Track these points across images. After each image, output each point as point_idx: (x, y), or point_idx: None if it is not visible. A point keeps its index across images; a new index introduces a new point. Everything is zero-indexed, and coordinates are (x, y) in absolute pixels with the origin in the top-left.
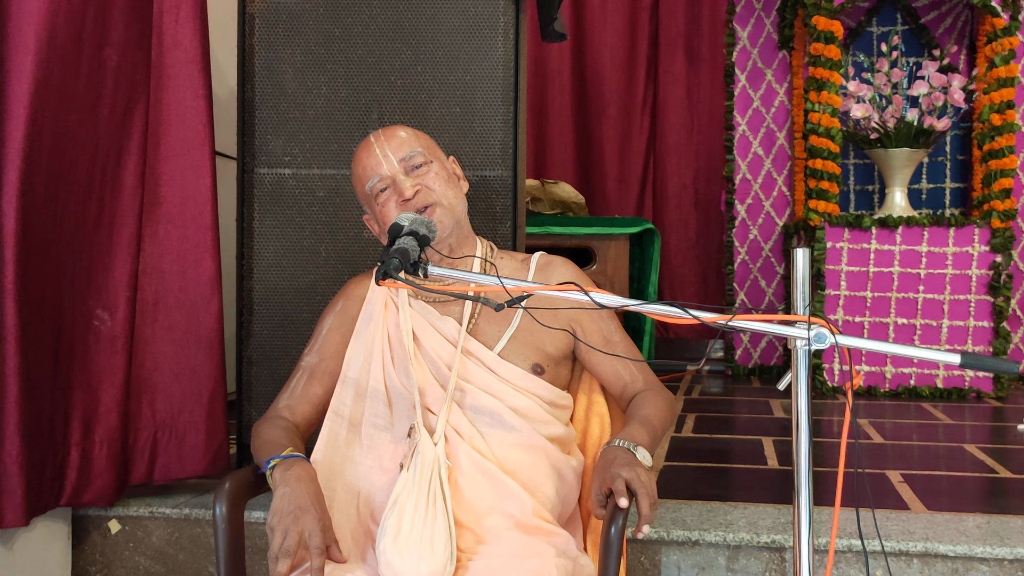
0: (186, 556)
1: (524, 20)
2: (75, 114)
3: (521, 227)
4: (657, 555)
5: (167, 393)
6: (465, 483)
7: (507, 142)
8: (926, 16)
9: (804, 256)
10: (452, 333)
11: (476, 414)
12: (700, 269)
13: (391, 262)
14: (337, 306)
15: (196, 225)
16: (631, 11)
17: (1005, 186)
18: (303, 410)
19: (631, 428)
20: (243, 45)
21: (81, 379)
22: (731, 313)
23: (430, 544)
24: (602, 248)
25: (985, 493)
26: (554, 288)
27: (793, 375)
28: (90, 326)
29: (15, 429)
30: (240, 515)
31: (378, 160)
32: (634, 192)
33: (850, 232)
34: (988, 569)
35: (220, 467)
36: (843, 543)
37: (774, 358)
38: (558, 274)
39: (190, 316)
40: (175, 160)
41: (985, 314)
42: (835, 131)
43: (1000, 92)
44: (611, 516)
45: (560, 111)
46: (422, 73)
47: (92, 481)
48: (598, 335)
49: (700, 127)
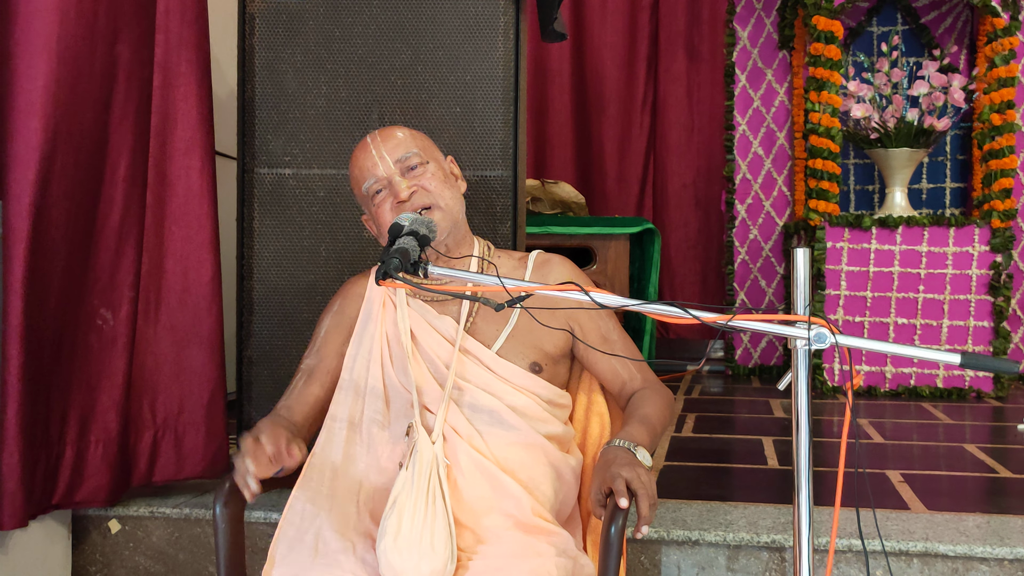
0: (186, 556)
1: (524, 20)
2: (89, 111)
3: (521, 227)
4: (657, 555)
5: (168, 394)
6: (464, 482)
7: (507, 142)
8: (926, 16)
9: (804, 256)
10: (450, 332)
11: (474, 413)
12: (700, 269)
13: (391, 262)
14: (335, 307)
15: (199, 225)
16: (631, 11)
17: (1005, 186)
18: (302, 411)
19: (631, 428)
20: (243, 45)
21: (80, 378)
22: (731, 313)
23: (430, 543)
24: (602, 248)
25: (985, 493)
26: (554, 288)
27: (793, 375)
28: (93, 325)
29: (17, 432)
30: (240, 515)
31: (374, 161)
32: (634, 192)
33: (850, 232)
34: (988, 569)
35: (220, 468)
36: (843, 543)
37: (774, 358)
38: (556, 272)
39: (192, 316)
40: (180, 159)
41: (985, 314)
42: (835, 131)
43: (1000, 92)
44: (611, 516)
45: (560, 111)
46: (422, 73)
47: (85, 481)
48: (596, 334)
49: (700, 127)
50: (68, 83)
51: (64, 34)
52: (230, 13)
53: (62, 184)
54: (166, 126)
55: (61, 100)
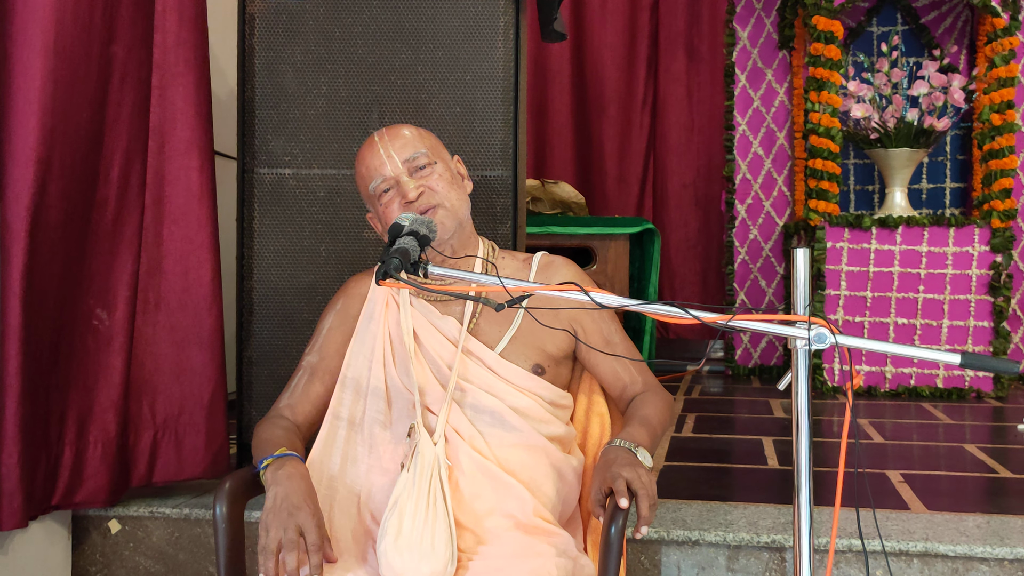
0: (186, 556)
1: (524, 20)
2: (85, 111)
3: (521, 227)
4: (657, 555)
5: (167, 394)
6: (465, 483)
7: (507, 142)
8: (926, 16)
9: (804, 256)
10: (453, 333)
11: (476, 414)
12: (700, 269)
13: (391, 262)
14: (337, 305)
15: (198, 225)
16: (631, 10)
17: (1005, 186)
18: (304, 409)
19: (631, 428)
20: (243, 45)
21: (78, 379)
22: (731, 313)
23: (431, 544)
24: (602, 248)
25: (985, 493)
26: (555, 288)
27: (793, 375)
28: (89, 325)
29: (16, 432)
30: (240, 515)
31: (382, 160)
32: (634, 192)
33: (850, 232)
34: (988, 569)
35: (220, 469)
36: (843, 543)
37: (774, 358)
38: (560, 274)
39: (192, 317)
40: (178, 159)
41: (985, 314)
42: (835, 131)
43: (1000, 92)
44: (611, 516)
45: (560, 111)
46: (422, 73)
47: (84, 482)
48: (598, 336)
49: (700, 127)
50: (65, 83)
51: (61, 34)
52: (230, 13)
53: (59, 184)
54: (164, 126)
55: (58, 100)
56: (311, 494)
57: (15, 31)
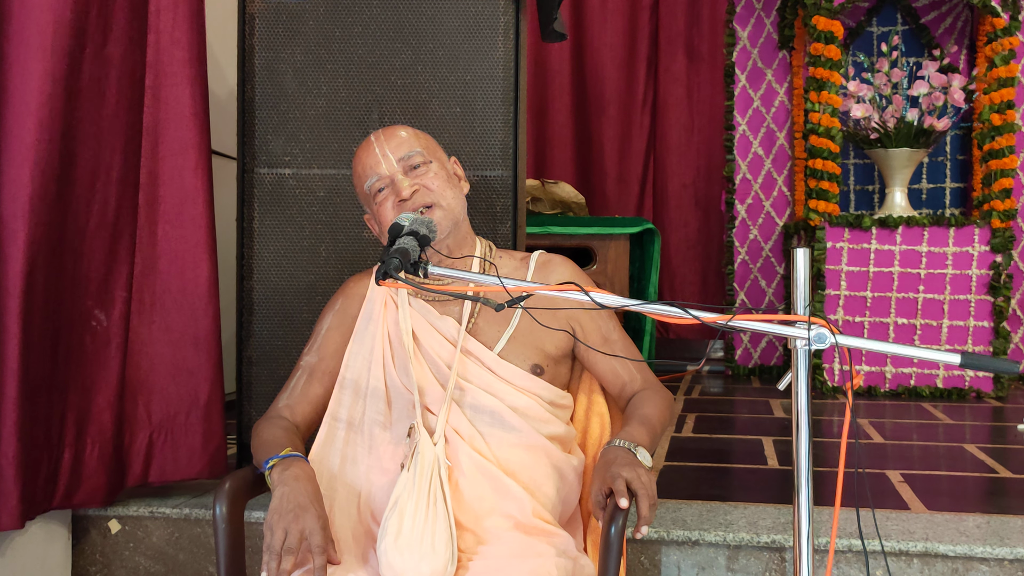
0: (186, 556)
1: (524, 20)
2: (81, 111)
3: (521, 227)
4: (657, 555)
5: (163, 395)
6: (465, 484)
7: (507, 142)
8: (926, 16)
9: (804, 256)
10: (452, 333)
11: (476, 414)
12: (700, 269)
13: (391, 262)
14: (336, 305)
15: (194, 225)
16: (631, 10)
17: (1005, 186)
18: (303, 409)
19: (631, 428)
20: (243, 45)
21: (77, 380)
22: (731, 313)
23: (431, 544)
24: (602, 248)
25: (985, 493)
26: (554, 288)
27: (793, 375)
28: (87, 326)
29: (12, 431)
30: (240, 515)
31: (377, 159)
32: (634, 192)
33: (850, 232)
34: (988, 569)
35: (218, 469)
36: (843, 543)
37: (774, 358)
38: (557, 273)
39: (188, 317)
40: (173, 159)
41: (985, 314)
42: (835, 131)
43: (1000, 92)
44: (611, 516)
45: (560, 111)
46: (422, 73)
47: (83, 482)
48: (597, 335)
49: (700, 127)
50: (62, 83)
51: (59, 35)
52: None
53: (57, 184)
54: (158, 126)
55: (56, 100)
56: (317, 496)
57: (12, 32)
